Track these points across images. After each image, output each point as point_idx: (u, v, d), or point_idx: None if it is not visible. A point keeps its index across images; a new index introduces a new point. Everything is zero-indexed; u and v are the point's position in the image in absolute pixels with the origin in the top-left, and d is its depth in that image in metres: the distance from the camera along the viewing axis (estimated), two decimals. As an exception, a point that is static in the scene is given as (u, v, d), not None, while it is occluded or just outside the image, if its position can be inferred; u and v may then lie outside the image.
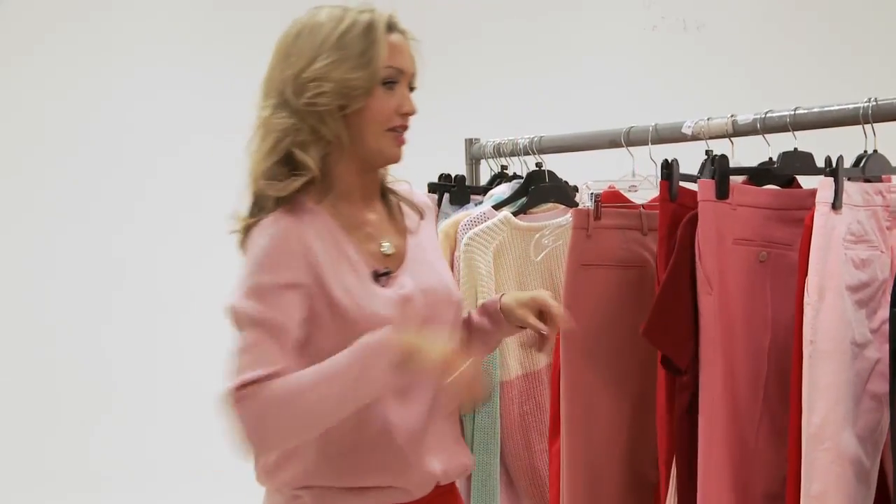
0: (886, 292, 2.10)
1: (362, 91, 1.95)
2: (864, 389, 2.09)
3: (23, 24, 4.40)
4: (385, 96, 1.97)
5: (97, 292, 4.43)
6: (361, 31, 1.96)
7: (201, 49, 4.58)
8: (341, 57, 1.94)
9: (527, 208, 2.75)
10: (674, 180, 2.23)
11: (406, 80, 2.00)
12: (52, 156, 4.39)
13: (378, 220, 2.04)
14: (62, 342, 4.38)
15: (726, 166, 2.15)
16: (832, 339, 2.04)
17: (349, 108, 1.95)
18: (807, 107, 2.21)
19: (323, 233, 1.95)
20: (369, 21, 1.96)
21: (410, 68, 2.00)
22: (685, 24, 4.83)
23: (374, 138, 1.98)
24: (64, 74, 4.42)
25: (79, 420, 4.38)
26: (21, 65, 4.40)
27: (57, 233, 4.39)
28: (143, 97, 4.49)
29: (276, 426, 1.84)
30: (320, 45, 1.95)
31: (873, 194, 2.14)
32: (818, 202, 2.07)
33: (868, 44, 4.84)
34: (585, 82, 4.67)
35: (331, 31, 1.96)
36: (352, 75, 1.94)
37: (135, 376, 4.46)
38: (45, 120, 4.40)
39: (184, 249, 4.49)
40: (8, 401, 4.35)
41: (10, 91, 4.39)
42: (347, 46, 1.94)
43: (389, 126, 1.98)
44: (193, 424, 4.45)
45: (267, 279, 1.89)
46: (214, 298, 4.58)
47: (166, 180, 4.51)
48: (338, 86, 1.94)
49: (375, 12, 1.98)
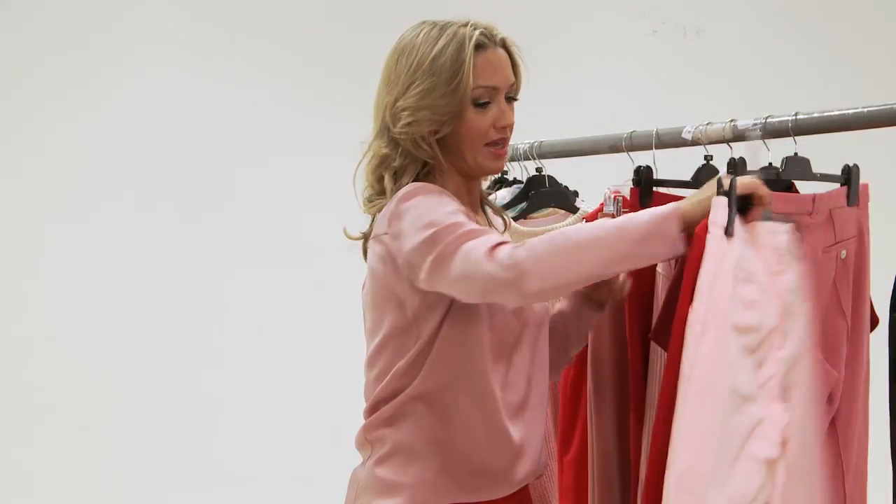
0: (774, 344, 1.91)
1: (451, 116, 1.98)
2: (741, 448, 1.84)
3: (23, 25, 4.40)
4: (477, 116, 2.00)
5: (98, 293, 4.42)
6: (452, 54, 1.98)
7: (202, 51, 4.58)
8: (432, 84, 1.97)
9: (527, 213, 2.76)
10: (644, 186, 2.25)
11: (501, 94, 2.02)
12: (52, 158, 4.39)
13: (483, 225, 2.10)
14: (64, 345, 4.37)
15: (745, 169, 2.15)
16: (708, 382, 1.81)
17: (441, 133, 1.99)
18: (807, 112, 2.21)
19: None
20: (460, 42, 1.98)
21: (505, 82, 2.03)
22: (685, 29, 4.83)
23: (471, 155, 2.02)
24: (64, 76, 4.42)
25: (78, 425, 4.38)
26: (21, 66, 4.40)
27: (57, 234, 4.39)
28: (144, 99, 4.49)
29: (550, 263, 1.82)
30: (415, 70, 1.99)
31: (764, 233, 1.95)
32: (711, 223, 1.86)
33: (867, 50, 4.84)
34: (585, 87, 4.67)
35: (424, 56, 1.99)
36: (441, 102, 1.97)
37: (136, 381, 4.46)
38: (45, 121, 4.39)
39: (185, 250, 4.49)
40: (8, 401, 4.35)
41: (11, 92, 4.39)
42: (438, 72, 1.97)
43: (486, 142, 2.01)
44: (194, 428, 4.45)
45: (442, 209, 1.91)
46: (213, 298, 4.59)
47: (171, 184, 4.51)
48: (428, 112, 1.97)
49: (468, 28, 2.00)
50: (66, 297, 4.39)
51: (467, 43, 1.98)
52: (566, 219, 2.76)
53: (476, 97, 1.99)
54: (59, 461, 4.35)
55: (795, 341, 1.93)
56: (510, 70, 2.05)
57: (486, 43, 2.01)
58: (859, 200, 2.28)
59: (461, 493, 1.98)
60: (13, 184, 4.38)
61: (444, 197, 1.96)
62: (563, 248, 1.83)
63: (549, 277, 1.83)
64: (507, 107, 2.03)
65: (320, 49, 4.57)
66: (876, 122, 2.12)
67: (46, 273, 4.39)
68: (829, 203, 2.22)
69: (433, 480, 1.97)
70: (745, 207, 1.91)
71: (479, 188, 2.12)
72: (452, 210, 1.92)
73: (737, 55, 4.80)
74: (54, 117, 4.40)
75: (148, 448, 4.42)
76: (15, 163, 4.38)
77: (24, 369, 4.35)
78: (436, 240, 1.88)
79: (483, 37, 2.01)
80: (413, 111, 1.98)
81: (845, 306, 2.25)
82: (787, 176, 2.22)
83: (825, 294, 2.21)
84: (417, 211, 1.93)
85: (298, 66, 4.58)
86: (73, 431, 4.37)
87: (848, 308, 2.25)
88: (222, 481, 4.35)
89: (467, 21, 2.02)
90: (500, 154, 2.04)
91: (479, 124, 2.00)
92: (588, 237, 1.84)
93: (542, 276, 1.82)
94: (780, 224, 1.96)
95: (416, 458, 1.97)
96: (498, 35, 2.04)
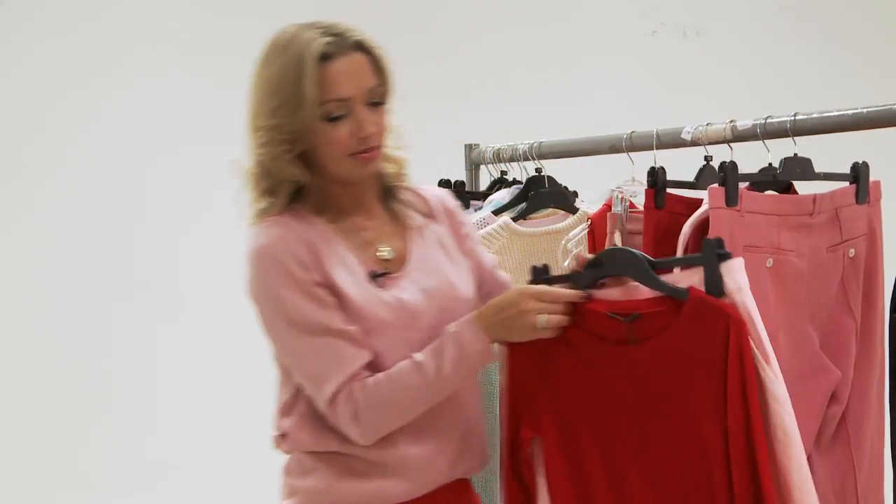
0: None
1: (301, 134, 1.90)
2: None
3: (23, 28, 4.40)
4: (333, 130, 1.90)
5: (97, 295, 4.42)
6: (293, 70, 1.87)
7: (201, 55, 4.58)
8: (278, 103, 1.89)
9: (526, 214, 2.76)
10: (658, 188, 2.22)
11: (358, 103, 1.91)
12: (52, 160, 4.38)
13: (377, 226, 2.03)
14: (62, 347, 4.37)
15: (736, 173, 2.14)
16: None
17: (295, 151, 1.91)
18: (806, 112, 2.21)
19: (320, 236, 1.95)
20: (301, 57, 1.87)
21: (360, 90, 1.91)
22: (684, 30, 4.83)
23: (335, 168, 1.94)
24: (64, 78, 4.42)
25: (76, 424, 4.38)
26: (22, 66, 4.40)
27: (57, 234, 4.39)
28: (143, 102, 4.49)
29: (379, 420, 1.90)
30: (262, 88, 1.91)
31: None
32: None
33: (867, 50, 4.85)
34: (585, 88, 4.67)
35: (270, 73, 1.91)
36: (287, 121, 1.88)
37: (135, 381, 4.46)
38: (45, 123, 4.39)
39: (185, 251, 4.49)
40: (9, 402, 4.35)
41: (10, 94, 4.38)
42: (281, 90, 1.88)
43: (349, 153, 1.92)
44: (194, 429, 4.45)
45: (289, 290, 1.91)
46: (215, 298, 4.58)
47: (168, 187, 4.51)
48: (277, 132, 1.89)
49: (313, 38, 1.88)
50: (66, 297, 4.39)
51: (308, 57, 1.86)
52: (566, 219, 2.77)
53: (327, 112, 1.89)
54: (59, 461, 4.35)
55: None
56: (368, 74, 1.92)
57: (332, 52, 1.88)
58: (870, 198, 2.26)
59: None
60: (13, 183, 4.38)
61: (281, 286, 1.91)
62: (390, 404, 1.90)
63: (380, 430, 1.92)
64: (367, 115, 1.91)
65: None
66: (875, 123, 2.12)
67: (47, 273, 4.39)
68: (834, 202, 2.21)
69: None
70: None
71: (372, 189, 2.03)
72: (294, 311, 1.91)
73: (736, 56, 4.81)
74: (54, 117, 4.39)
75: (147, 448, 4.42)
76: (15, 162, 4.38)
77: (25, 369, 4.35)
78: (280, 351, 1.98)
79: (330, 46, 1.88)
80: (265, 131, 1.90)
81: (854, 305, 2.24)
82: (785, 176, 2.22)
83: (831, 293, 2.21)
84: (261, 299, 1.94)
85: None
86: (73, 431, 4.37)
87: (857, 307, 2.24)
88: (223, 481, 4.34)
89: (318, 28, 1.91)
90: (368, 159, 1.94)
91: (336, 138, 1.90)
92: (412, 392, 1.90)
93: (373, 430, 1.91)
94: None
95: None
96: (351, 38, 1.91)
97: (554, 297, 1.89)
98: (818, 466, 2.21)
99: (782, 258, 2.15)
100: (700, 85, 4.70)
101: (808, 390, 2.16)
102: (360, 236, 2.00)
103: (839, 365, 2.22)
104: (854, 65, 4.81)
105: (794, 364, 2.15)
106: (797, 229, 2.15)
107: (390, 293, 1.95)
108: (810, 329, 2.19)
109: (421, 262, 2.02)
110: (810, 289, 2.18)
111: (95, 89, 4.44)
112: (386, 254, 2.00)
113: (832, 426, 2.23)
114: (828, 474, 2.22)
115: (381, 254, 2.00)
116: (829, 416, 2.22)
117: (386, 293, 1.95)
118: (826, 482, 2.21)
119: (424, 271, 2.00)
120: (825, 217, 2.19)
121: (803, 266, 2.17)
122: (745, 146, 2.29)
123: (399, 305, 1.95)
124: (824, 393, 2.20)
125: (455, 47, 4.63)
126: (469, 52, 4.64)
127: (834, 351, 2.22)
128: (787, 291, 2.15)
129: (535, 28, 4.74)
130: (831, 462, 2.24)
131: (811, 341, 2.19)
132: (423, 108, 1.98)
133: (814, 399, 2.18)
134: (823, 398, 2.20)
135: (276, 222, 1.95)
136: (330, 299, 1.91)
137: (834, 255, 2.21)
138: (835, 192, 2.23)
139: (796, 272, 2.15)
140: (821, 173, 2.23)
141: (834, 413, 2.22)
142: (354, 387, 1.89)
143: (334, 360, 1.90)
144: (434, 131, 4.48)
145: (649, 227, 2.21)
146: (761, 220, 2.13)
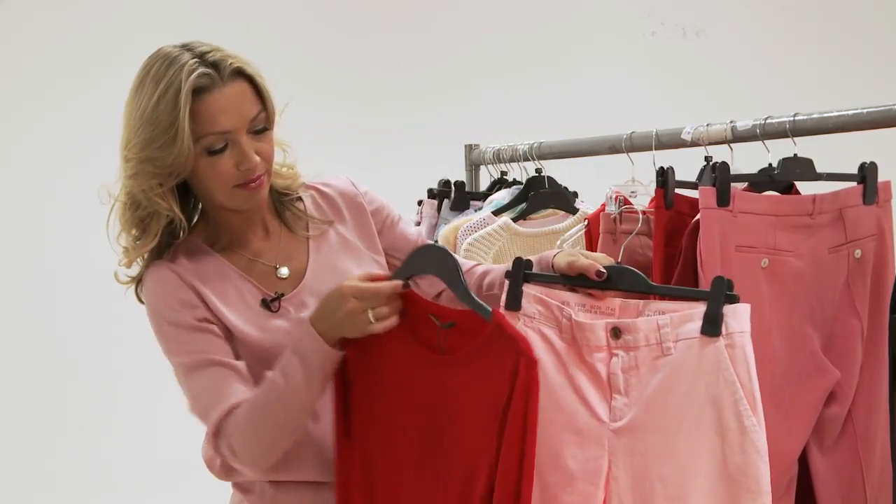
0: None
1: (178, 168, 1.81)
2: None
3: (23, 30, 4.41)
4: (215, 163, 1.82)
5: (98, 296, 4.42)
6: (168, 103, 1.77)
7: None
8: (151, 135, 1.79)
9: (526, 214, 2.76)
10: (669, 188, 2.20)
11: (240, 133, 1.81)
12: (52, 160, 4.39)
13: (275, 244, 1.98)
14: (67, 345, 4.37)
15: (727, 173, 2.14)
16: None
17: (168, 185, 1.84)
18: (806, 113, 2.21)
19: (212, 271, 1.91)
20: (175, 90, 1.76)
21: (240, 121, 1.81)
22: (684, 30, 4.84)
23: (220, 198, 1.88)
24: (64, 80, 4.43)
25: (85, 425, 4.38)
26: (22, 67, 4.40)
27: (58, 235, 4.39)
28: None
29: (253, 448, 1.85)
30: (136, 116, 1.82)
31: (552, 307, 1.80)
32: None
33: (866, 51, 4.85)
34: (584, 88, 4.67)
35: (144, 102, 1.80)
36: (161, 154, 1.79)
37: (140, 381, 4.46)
38: (46, 122, 4.39)
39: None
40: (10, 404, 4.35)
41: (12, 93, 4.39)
42: (155, 122, 1.78)
43: (234, 184, 1.85)
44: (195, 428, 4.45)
45: (176, 329, 1.88)
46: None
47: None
48: (150, 165, 1.81)
49: (188, 69, 1.77)
50: (65, 297, 4.39)
51: (182, 90, 1.76)
52: (566, 219, 2.77)
53: (207, 145, 1.79)
54: (59, 461, 4.35)
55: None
56: (249, 103, 1.82)
57: (207, 85, 1.78)
58: (879, 198, 2.23)
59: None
60: (13, 184, 4.38)
61: (164, 328, 1.89)
62: (255, 429, 1.83)
63: (260, 456, 1.86)
64: (251, 144, 1.82)
65: (320, 55, 4.57)
66: (875, 124, 2.12)
67: (46, 273, 4.39)
68: (838, 203, 2.19)
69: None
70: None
71: (261, 209, 1.96)
72: (183, 352, 1.88)
73: (736, 56, 4.81)
74: (55, 118, 4.40)
75: (148, 448, 4.42)
76: (15, 163, 4.38)
77: (24, 369, 4.35)
78: (177, 376, 1.94)
79: (204, 77, 1.78)
80: (136, 163, 1.81)
81: (860, 306, 2.22)
82: (784, 177, 2.22)
83: (833, 294, 2.21)
84: (157, 339, 1.93)
85: (298, 73, 4.58)
86: (73, 431, 4.37)
87: (864, 308, 2.22)
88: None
89: (195, 54, 1.80)
90: (255, 189, 1.85)
91: (220, 170, 1.82)
92: (272, 411, 1.82)
93: (253, 459, 1.86)
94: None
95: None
96: (229, 66, 1.80)
97: (374, 293, 1.78)
98: (821, 467, 2.20)
99: (779, 258, 2.14)
100: (700, 85, 4.70)
101: (804, 390, 2.16)
102: (258, 261, 1.96)
103: (842, 366, 2.20)
104: (854, 65, 4.81)
105: (791, 363, 2.15)
106: (795, 230, 2.15)
107: (283, 318, 1.91)
108: (809, 329, 2.19)
109: (322, 273, 1.96)
110: (810, 289, 2.18)
111: (95, 96, 4.44)
112: (283, 273, 1.96)
113: (835, 426, 2.22)
114: (833, 475, 2.22)
115: (280, 274, 1.96)
116: (830, 416, 2.21)
117: (277, 320, 1.91)
118: (832, 483, 2.21)
119: (326, 281, 1.92)
120: (827, 217, 2.18)
121: (802, 266, 2.16)
122: (745, 146, 2.29)
123: (290, 328, 1.89)
124: (821, 393, 2.19)
125: (455, 47, 4.63)
126: (469, 52, 4.64)
127: (838, 352, 2.21)
128: (785, 291, 2.15)
129: (535, 28, 4.74)
130: (836, 463, 2.22)
131: (810, 341, 2.19)
132: (423, 108, 1.97)
133: (810, 399, 2.18)
134: (820, 398, 2.19)
135: (158, 269, 1.91)
136: (219, 333, 1.88)
137: (837, 256, 2.20)
138: (839, 192, 2.21)
139: (794, 272, 2.14)
140: (824, 174, 2.23)
141: (835, 413, 2.21)
142: (226, 421, 1.84)
143: (215, 395, 1.85)
144: (434, 131, 4.49)
145: (659, 227, 2.20)
146: (756, 220, 2.12)
